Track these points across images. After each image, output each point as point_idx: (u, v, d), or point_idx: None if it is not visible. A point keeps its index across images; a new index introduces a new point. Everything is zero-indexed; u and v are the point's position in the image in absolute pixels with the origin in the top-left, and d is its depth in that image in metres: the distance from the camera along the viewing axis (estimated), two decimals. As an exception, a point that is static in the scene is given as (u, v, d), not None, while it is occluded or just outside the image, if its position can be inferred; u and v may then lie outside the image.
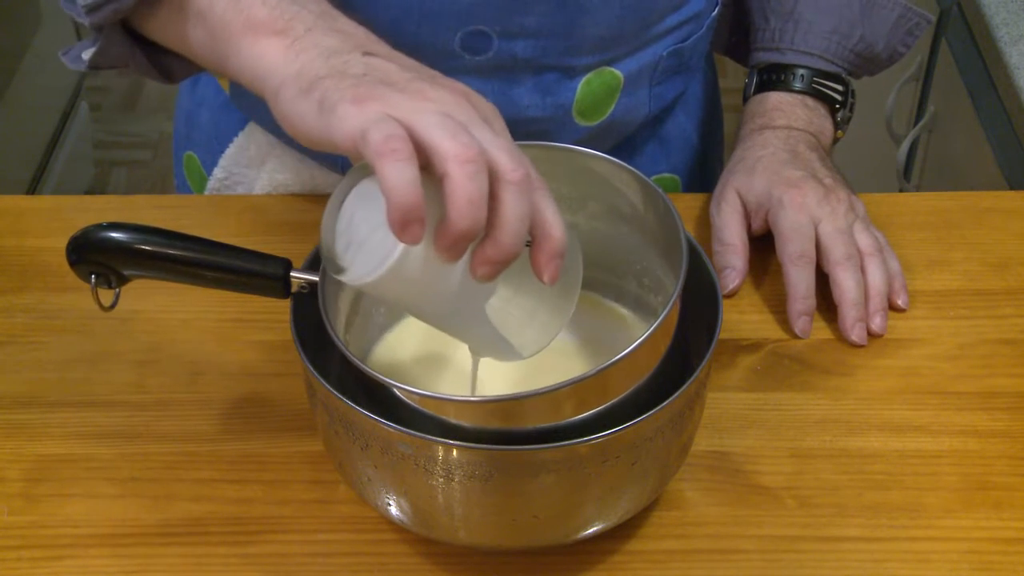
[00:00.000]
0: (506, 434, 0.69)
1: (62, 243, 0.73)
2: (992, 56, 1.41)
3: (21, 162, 2.34)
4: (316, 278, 0.73)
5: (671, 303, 0.70)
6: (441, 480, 0.69)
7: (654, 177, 1.08)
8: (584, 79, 0.97)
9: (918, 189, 1.78)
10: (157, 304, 0.93)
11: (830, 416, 0.86)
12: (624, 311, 0.84)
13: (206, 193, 1.10)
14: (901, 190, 1.79)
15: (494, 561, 0.78)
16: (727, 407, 0.86)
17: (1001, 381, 0.89)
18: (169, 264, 0.73)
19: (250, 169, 1.07)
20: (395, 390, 0.70)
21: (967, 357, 0.90)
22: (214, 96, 1.08)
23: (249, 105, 1.03)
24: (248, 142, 1.06)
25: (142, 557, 0.78)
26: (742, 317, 0.93)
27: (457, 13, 0.91)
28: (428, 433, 0.68)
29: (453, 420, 0.70)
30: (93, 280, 0.74)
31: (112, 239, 0.73)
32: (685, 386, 0.70)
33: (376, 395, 0.73)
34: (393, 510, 0.74)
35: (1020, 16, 1.41)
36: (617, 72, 0.98)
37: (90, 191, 2.59)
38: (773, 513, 0.80)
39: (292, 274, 0.73)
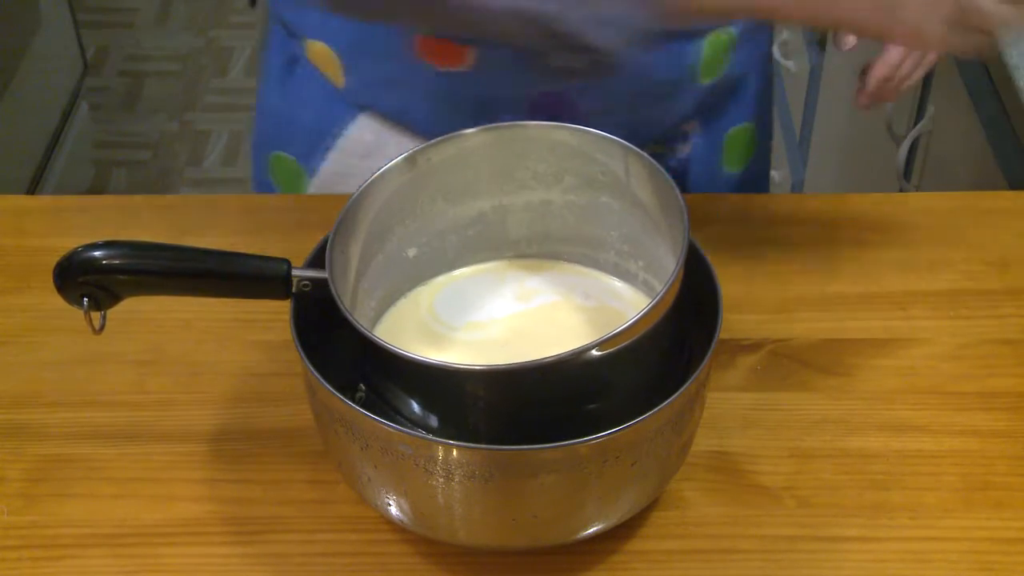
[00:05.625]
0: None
1: (62, 243, 0.72)
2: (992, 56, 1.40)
3: (21, 162, 2.34)
4: (318, 275, 0.73)
5: (683, 249, 0.72)
6: (441, 480, 0.69)
7: (735, 129, 1.10)
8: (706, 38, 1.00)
9: (918, 189, 1.77)
10: (157, 304, 0.92)
11: (830, 416, 0.86)
12: (607, 279, 0.85)
13: (310, 192, 1.09)
14: (901, 190, 1.79)
15: (494, 561, 0.78)
16: (727, 407, 0.86)
17: (1001, 381, 0.89)
18: (165, 279, 0.72)
19: (365, 160, 1.06)
20: (406, 357, 0.70)
21: (967, 357, 0.90)
22: (319, 92, 1.07)
23: (367, 94, 1.03)
24: (362, 133, 1.06)
25: (142, 557, 0.78)
26: (742, 317, 0.93)
27: None
28: (433, 404, 0.68)
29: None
30: (85, 303, 0.72)
31: (97, 259, 0.71)
32: (685, 386, 0.70)
33: (380, 383, 0.73)
34: (393, 510, 0.73)
35: (1020, 16, 1.40)
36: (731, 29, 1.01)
37: (90, 191, 2.59)
38: (773, 513, 0.80)
39: (294, 272, 0.73)
